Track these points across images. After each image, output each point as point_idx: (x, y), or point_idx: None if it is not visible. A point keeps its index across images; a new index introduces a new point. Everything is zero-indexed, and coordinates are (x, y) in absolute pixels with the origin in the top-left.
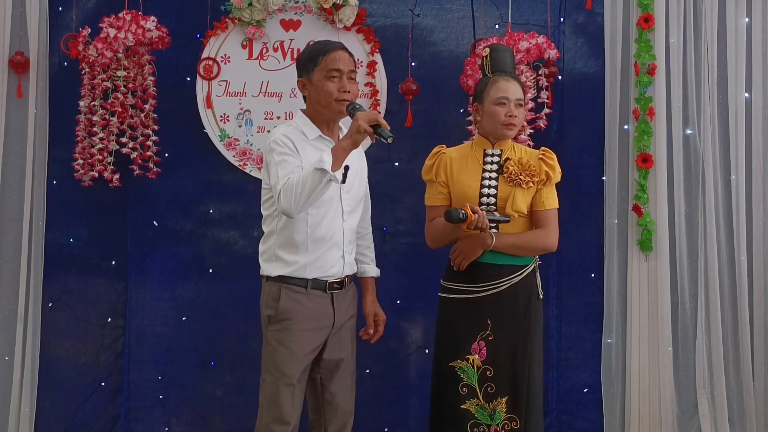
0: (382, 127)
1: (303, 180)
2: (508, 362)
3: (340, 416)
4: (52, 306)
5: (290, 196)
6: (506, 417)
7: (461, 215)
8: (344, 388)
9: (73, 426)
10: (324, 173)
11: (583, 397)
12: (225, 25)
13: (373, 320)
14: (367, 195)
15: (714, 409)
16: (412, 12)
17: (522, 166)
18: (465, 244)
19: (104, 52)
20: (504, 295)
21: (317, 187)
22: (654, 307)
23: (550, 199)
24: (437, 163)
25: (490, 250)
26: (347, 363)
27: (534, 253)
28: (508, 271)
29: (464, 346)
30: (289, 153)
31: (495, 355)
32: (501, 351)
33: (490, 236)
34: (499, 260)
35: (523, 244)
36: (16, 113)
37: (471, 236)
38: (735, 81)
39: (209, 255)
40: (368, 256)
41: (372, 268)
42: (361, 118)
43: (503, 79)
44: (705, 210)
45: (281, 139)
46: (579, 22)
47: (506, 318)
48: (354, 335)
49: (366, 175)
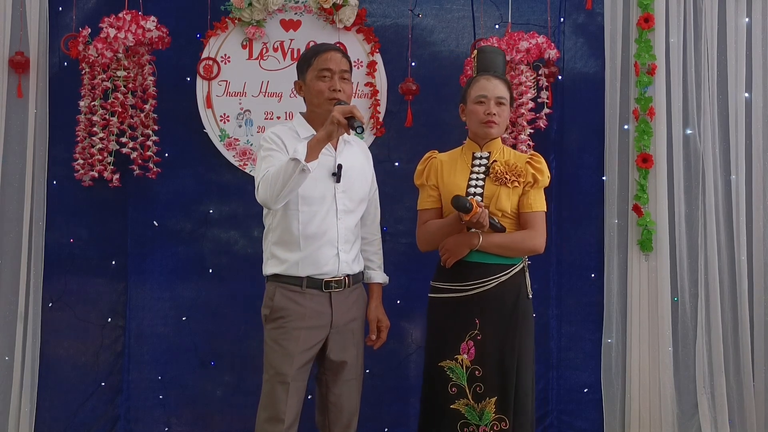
0: (356, 119)
1: (278, 171)
2: (496, 362)
3: (345, 417)
4: (52, 306)
5: (267, 186)
6: (495, 417)
7: (467, 204)
8: (349, 389)
9: (73, 426)
10: (297, 163)
11: (583, 397)
12: (225, 25)
13: (376, 326)
14: (375, 201)
15: (714, 409)
16: (413, 12)
17: (509, 167)
18: (452, 243)
19: (104, 52)
20: (491, 294)
21: (291, 177)
22: (654, 307)
23: (538, 202)
24: (428, 167)
25: (477, 250)
26: (352, 365)
27: (520, 254)
28: (496, 270)
29: (453, 346)
30: (276, 149)
31: (483, 355)
32: (489, 351)
33: (477, 236)
34: (487, 259)
35: (510, 244)
36: (16, 113)
37: (459, 235)
38: (735, 81)
39: (209, 255)
40: (375, 261)
41: (378, 274)
42: (337, 110)
43: (484, 78)
44: (705, 210)
45: (270, 136)
46: (579, 22)
47: (494, 317)
48: (360, 338)
49: (371, 179)
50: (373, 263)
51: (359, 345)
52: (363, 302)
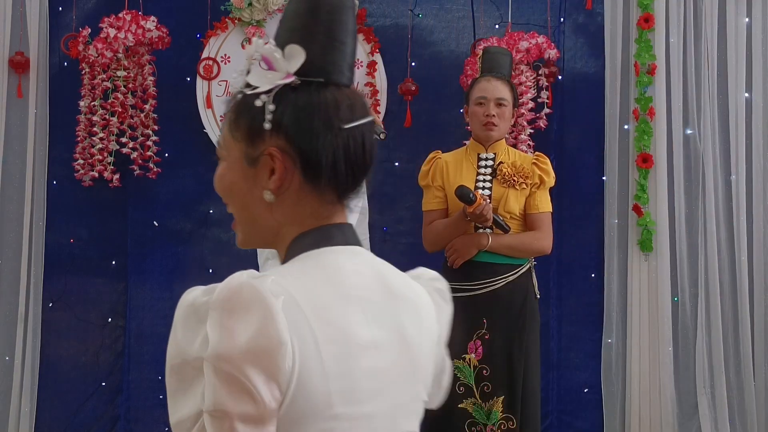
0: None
1: None
2: (504, 362)
3: None
4: (52, 306)
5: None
6: (502, 416)
7: (471, 195)
8: None
9: (73, 426)
10: None
11: (583, 397)
12: (225, 25)
13: None
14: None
15: (714, 409)
16: (413, 12)
17: (516, 168)
18: (460, 243)
19: (104, 52)
20: (499, 294)
21: None
22: (654, 307)
23: (544, 203)
24: (433, 168)
25: (485, 250)
26: None
27: (529, 254)
28: (504, 270)
29: (461, 346)
30: None
31: (491, 354)
32: (497, 350)
33: (485, 237)
34: (495, 259)
35: (519, 245)
36: (16, 113)
37: (467, 235)
38: (735, 81)
39: (209, 255)
40: None
41: None
42: None
43: (485, 79)
44: (705, 210)
45: None
46: (579, 22)
47: (502, 316)
48: None
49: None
50: None
51: None
52: None
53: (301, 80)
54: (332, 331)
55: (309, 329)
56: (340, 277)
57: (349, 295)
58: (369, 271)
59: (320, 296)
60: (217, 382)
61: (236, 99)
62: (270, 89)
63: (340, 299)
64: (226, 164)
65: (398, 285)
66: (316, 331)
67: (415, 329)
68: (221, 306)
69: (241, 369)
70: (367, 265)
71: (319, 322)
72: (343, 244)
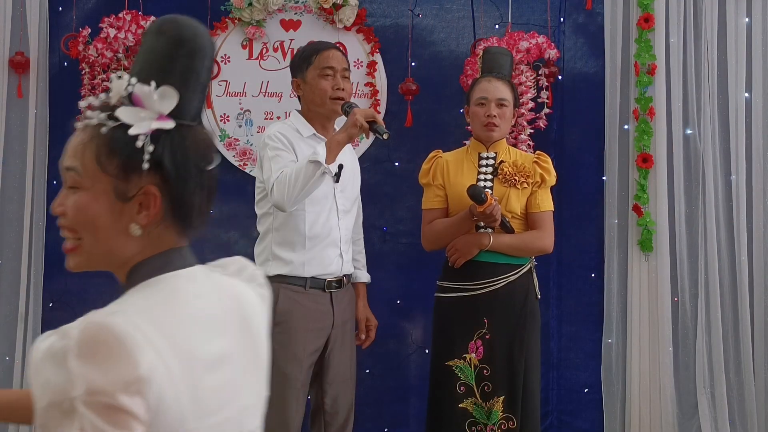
0: (378, 124)
1: (297, 172)
2: (505, 361)
3: (341, 417)
4: (52, 306)
5: (283, 189)
6: (503, 416)
7: (483, 195)
8: (345, 389)
9: None
10: (318, 165)
11: (583, 397)
12: (225, 25)
13: (365, 325)
14: (359, 200)
15: (714, 409)
16: (413, 12)
17: (517, 167)
18: (462, 242)
19: (104, 52)
20: (500, 294)
21: (311, 180)
22: (654, 307)
23: (545, 202)
24: (434, 166)
25: (486, 250)
26: (348, 365)
27: (530, 254)
28: (505, 270)
29: (461, 345)
30: (283, 148)
31: (492, 354)
32: (498, 350)
33: (487, 236)
34: (496, 259)
35: (520, 244)
36: (16, 113)
37: (469, 235)
38: (735, 81)
39: (209, 255)
40: (360, 261)
41: (364, 274)
42: (359, 113)
43: (485, 79)
44: (705, 210)
45: (275, 135)
46: (579, 22)
47: (503, 316)
48: (353, 337)
49: (359, 179)
50: (359, 263)
51: (353, 344)
52: (353, 302)
53: (176, 123)
54: (181, 355)
55: (161, 358)
56: (181, 300)
57: (192, 316)
58: (208, 286)
59: (165, 324)
60: (96, 416)
61: (100, 131)
62: (147, 131)
63: (183, 322)
64: (89, 195)
65: (237, 290)
66: (167, 358)
67: (256, 325)
68: (82, 349)
69: (116, 397)
70: (206, 282)
71: (168, 349)
72: (181, 267)
